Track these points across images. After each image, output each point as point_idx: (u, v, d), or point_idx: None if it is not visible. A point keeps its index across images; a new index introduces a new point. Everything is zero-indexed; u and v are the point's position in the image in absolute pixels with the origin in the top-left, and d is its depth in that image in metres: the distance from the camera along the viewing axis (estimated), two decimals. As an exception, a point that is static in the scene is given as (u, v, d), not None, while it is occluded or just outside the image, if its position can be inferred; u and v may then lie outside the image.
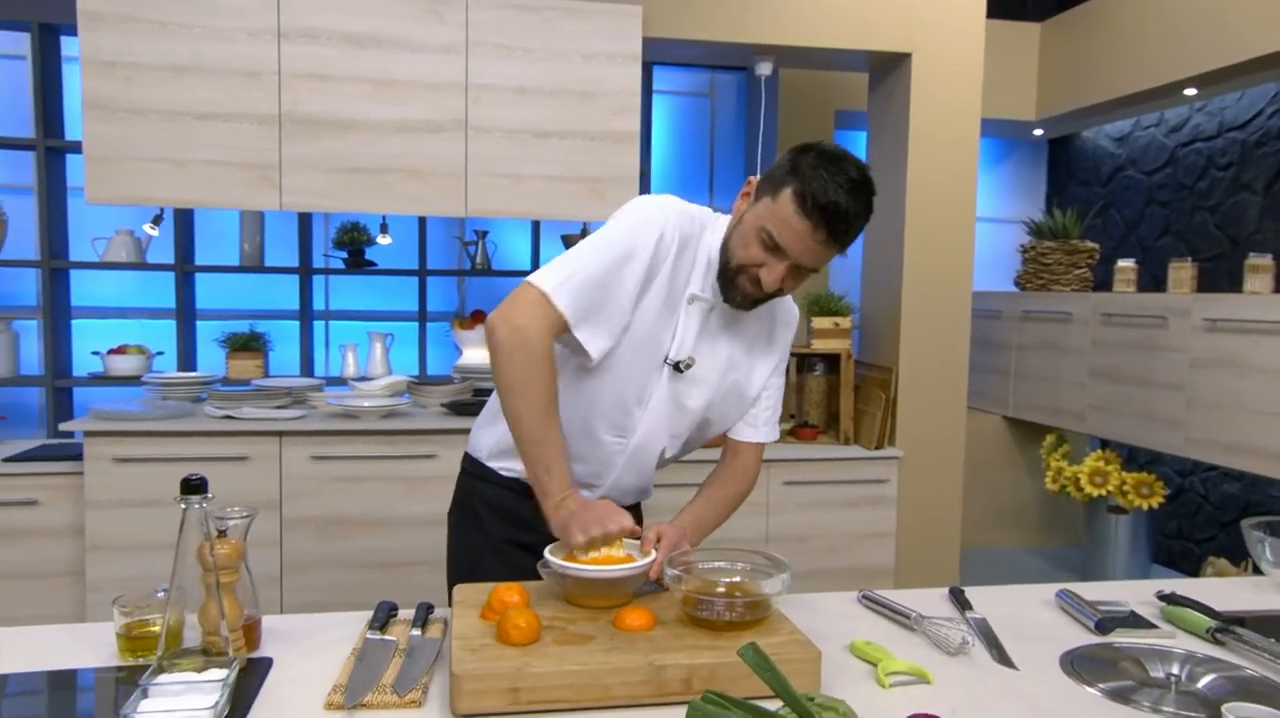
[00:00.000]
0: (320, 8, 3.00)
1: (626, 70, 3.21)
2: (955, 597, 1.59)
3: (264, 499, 3.00)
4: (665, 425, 1.58)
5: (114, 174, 2.94)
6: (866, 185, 1.40)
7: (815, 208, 1.36)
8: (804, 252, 1.40)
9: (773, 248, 1.41)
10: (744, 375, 1.62)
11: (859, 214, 1.39)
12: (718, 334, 1.57)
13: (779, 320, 1.66)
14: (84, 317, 4.11)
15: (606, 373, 1.52)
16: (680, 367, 1.53)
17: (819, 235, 1.38)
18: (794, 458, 3.43)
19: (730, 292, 1.49)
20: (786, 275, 1.43)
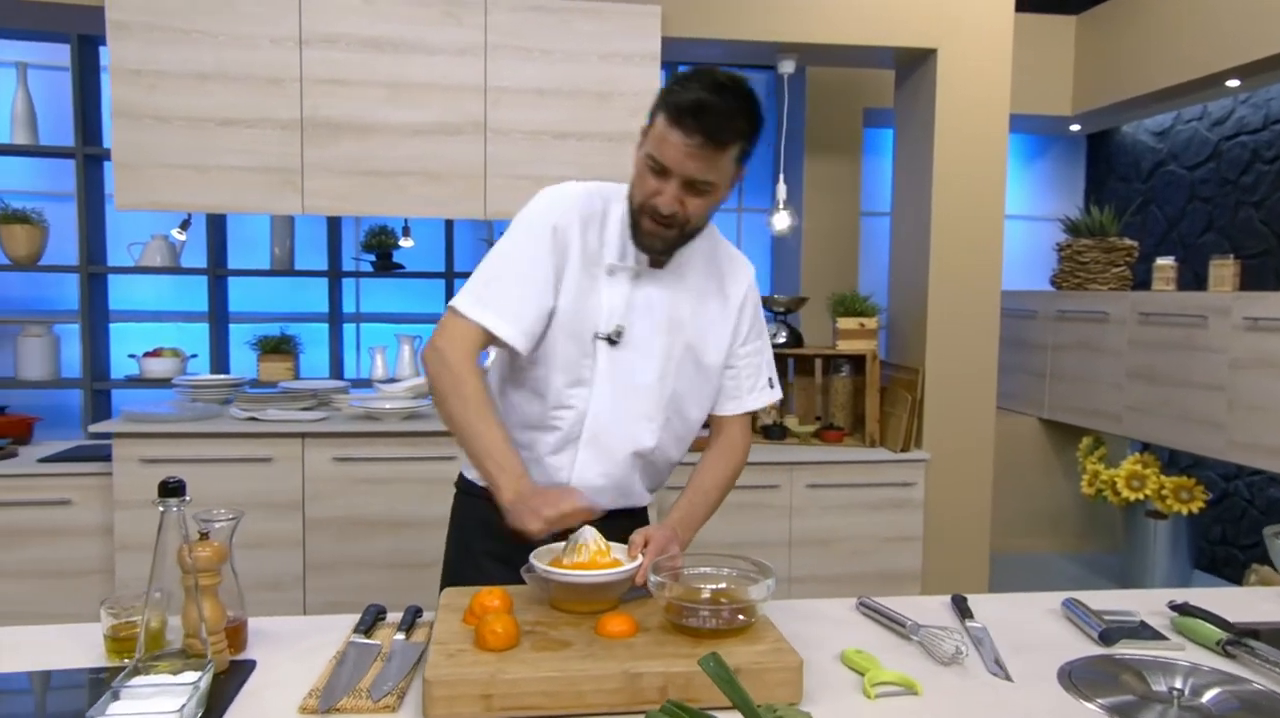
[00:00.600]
0: (340, 13, 3.03)
1: (645, 70, 3.19)
2: (957, 605, 1.55)
3: (287, 500, 3.04)
4: (619, 402, 1.54)
5: (141, 180, 3.00)
6: (735, 85, 1.39)
7: (682, 112, 1.35)
8: (685, 160, 1.37)
9: (659, 170, 1.41)
10: (696, 338, 1.57)
11: (730, 111, 1.37)
12: (652, 299, 1.54)
13: (727, 273, 1.61)
14: (122, 320, 4.20)
15: (537, 364, 1.53)
16: (612, 338, 1.52)
17: (694, 139, 1.36)
18: (818, 460, 3.39)
19: (640, 237, 1.48)
20: (681, 195, 1.41)
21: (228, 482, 3.00)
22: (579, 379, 1.53)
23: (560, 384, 1.53)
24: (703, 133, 1.35)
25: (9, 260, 3.78)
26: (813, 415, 3.76)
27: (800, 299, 3.66)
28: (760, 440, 3.60)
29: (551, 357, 1.52)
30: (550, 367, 1.53)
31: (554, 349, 1.52)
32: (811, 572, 3.41)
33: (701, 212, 1.45)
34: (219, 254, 4.00)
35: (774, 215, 3.52)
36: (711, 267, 1.60)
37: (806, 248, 4.37)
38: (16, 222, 3.74)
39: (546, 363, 1.53)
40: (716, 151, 1.38)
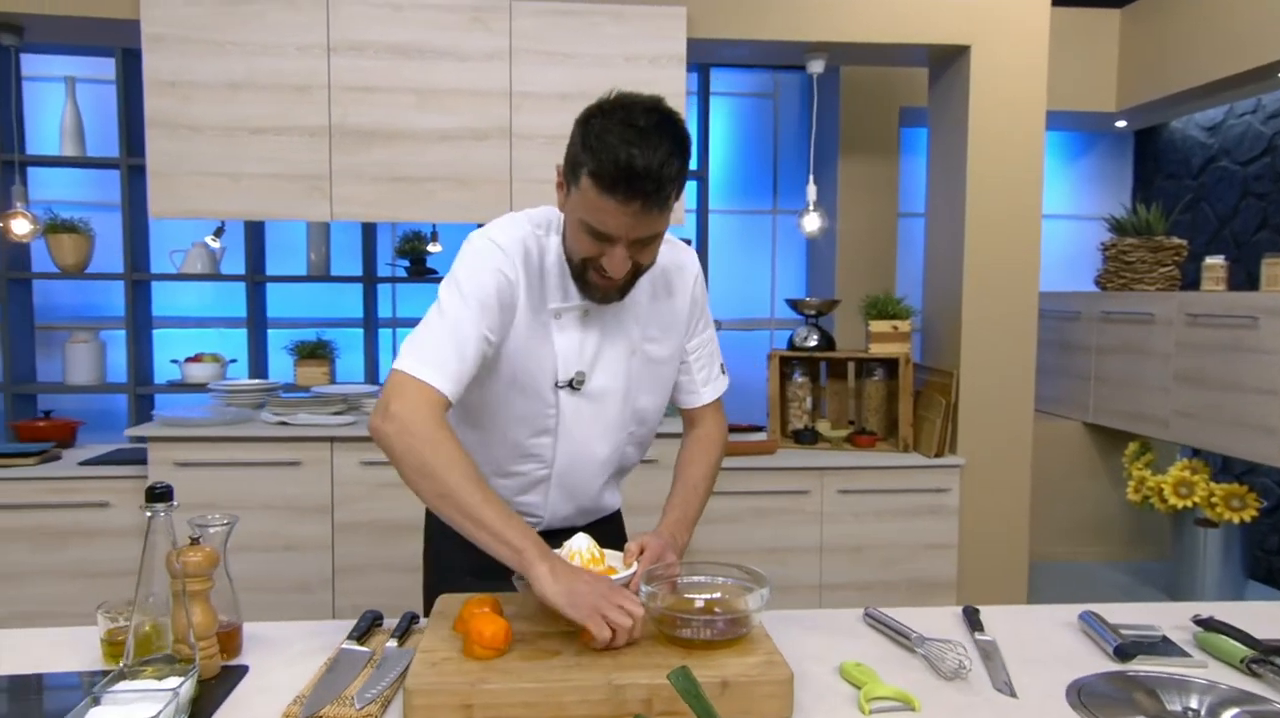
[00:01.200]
0: (368, 20, 3.06)
1: (670, 72, 3.17)
2: (968, 616, 1.50)
3: (316, 504, 3.07)
4: (588, 443, 1.51)
5: (175, 189, 3.06)
6: (663, 126, 1.26)
7: (614, 181, 1.23)
8: (626, 227, 1.28)
9: (599, 236, 1.30)
10: (655, 349, 1.53)
11: (663, 164, 1.23)
12: (605, 332, 1.47)
13: (671, 273, 1.54)
14: (165, 326, 4.30)
15: (498, 417, 1.47)
16: (574, 384, 1.46)
17: (632, 207, 1.25)
18: (849, 466, 3.33)
19: (588, 290, 1.40)
20: (622, 257, 1.31)
21: (258, 485, 3.04)
22: (544, 429, 1.49)
23: (523, 437, 1.49)
24: (641, 199, 1.24)
25: (58, 268, 3.89)
26: (845, 420, 3.70)
27: (832, 302, 3.61)
28: (791, 445, 3.55)
29: (509, 411, 1.47)
30: (510, 420, 1.47)
31: (511, 405, 1.46)
32: (843, 579, 3.35)
33: (651, 257, 1.37)
34: (257, 261, 4.07)
35: (804, 217, 3.47)
36: (658, 275, 1.52)
37: (842, 250, 4.31)
38: (64, 231, 3.85)
39: (506, 416, 1.47)
40: (659, 209, 1.28)
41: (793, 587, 3.34)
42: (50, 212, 3.92)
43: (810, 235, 3.50)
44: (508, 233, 1.41)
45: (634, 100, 1.30)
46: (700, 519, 2.97)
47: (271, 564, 3.07)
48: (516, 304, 1.40)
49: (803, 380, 3.60)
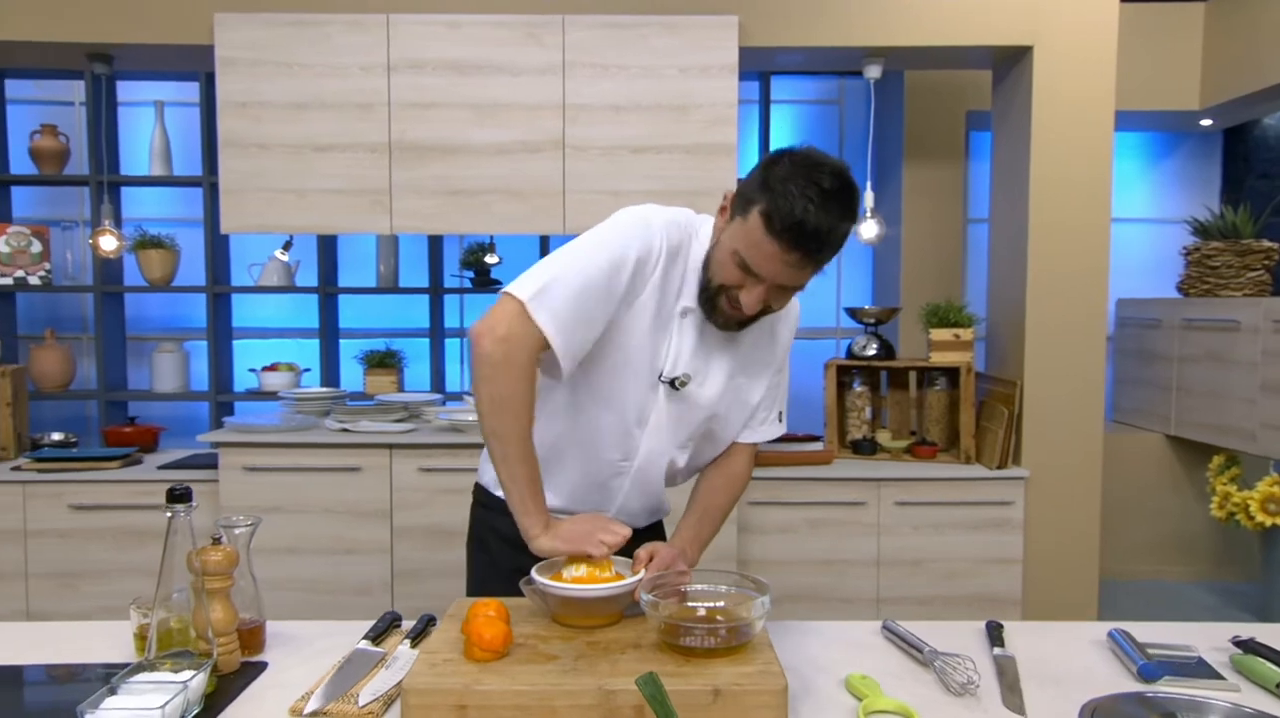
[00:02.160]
0: (427, 39, 3.15)
1: (723, 82, 3.17)
2: (990, 631, 1.46)
3: (375, 509, 3.16)
4: (668, 442, 1.54)
5: (246, 205, 3.20)
6: (842, 194, 1.30)
7: (785, 229, 1.27)
8: (778, 273, 1.33)
9: (748, 270, 1.34)
10: (747, 382, 1.56)
11: (833, 229, 1.30)
12: (717, 345, 1.50)
13: (779, 320, 1.56)
14: (245, 337, 4.49)
15: (600, 395, 1.48)
16: (676, 384, 1.48)
17: (791, 257, 1.30)
18: (907, 477, 3.26)
19: (712, 313, 1.43)
20: (766, 297, 1.37)
21: (321, 489, 3.15)
22: (640, 420, 1.50)
23: (623, 422, 1.50)
24: (802, 251, 1.30)
25: (146, 282, 4.10)
26: (906, 430, 3.63)
27: (891, 310, 3.55)
28: (849, 455, 3.50)
29: (611, 392, 1.48)
30: (616, 402, 1.49)
31: (613, 386, 1.47)
32: (901, 593, 3.28)
33: (782, 304, 1.43)
34: (329, 273, 4.22)
35: (861, 224, 3.43)
36: (772, 317, 1.53)
37: (907, 257, 4.24)
38: (152, 246, 4.06)
39: (604, 398, 1.49)
40: (815, 265, 1.34)
41: (850, 599, 3.28)
42: (140, 229, 4.14)
43: (867, 242, 3.45)
44: (666, 217, 1.44)
45: (823, 160, 1.32)
46: (755, 529, 2.99)
47: (334, 567, 3.17)
48: (648, 284, 1.41)
49: (861, 390, 3.55)
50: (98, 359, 4.13)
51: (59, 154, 4.15)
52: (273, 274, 4.13)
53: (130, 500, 3.22)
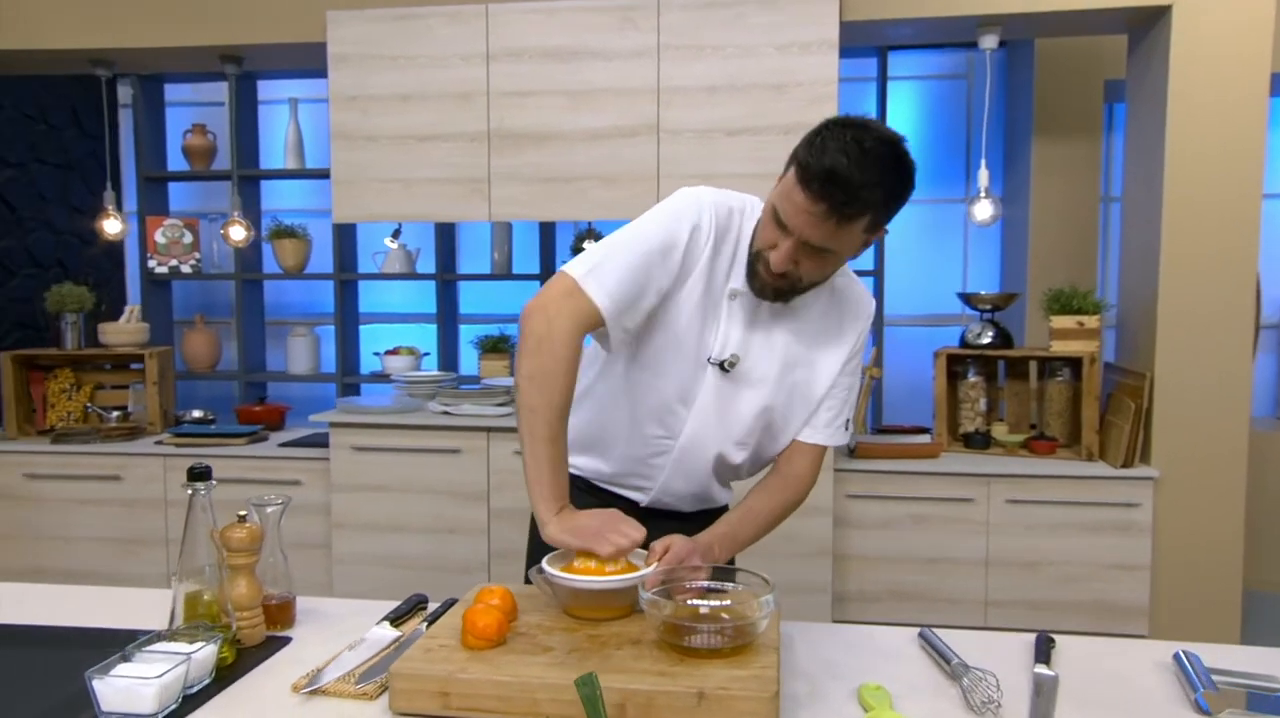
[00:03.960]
0: (524, 27, 3.18)
1: (823, 59, 3.06)
2: (1038, 646, 1.34)
3: (473, 491, 3.24)
4: (716, 427, 1.50)
5: (355, 195, 3.33)
6: (885, 155, 1.26)
7: (812, 175, 1.25)
8: (805, 225, 1.29)
9: (781, 225, 1.32)
10: (807, 373, 1.51)
11: (865, 184, 1.25)
12: (772, 329, 1.47)
13: (847, 313, 1.53)
14: (371, 322, 4.70)
15: (648, 370, 1.48)
16: (725, 366, 1.45)
17: (819, 207, 1.26)
18: (1021, 473, 3.07)
19: (752, 280, 1.41)
20: (796, 256, 1.33)
21: (423, 470, 3.25)
22: (684, 398, 1.49)
23: (665, 399, 1.49)
24: (828, 202, 1.26)
25: (280, 269, 4.35)
26: (1026, 424, 3.41)
27: (1008, 295, 3.33)
28: (960, 449, 3.32)
29: (659, 368, 1.48)
30: (661, 378, 1.48)
31: (661, 362, 1.48)
32: (1012, 596, 3.09)
33: (817, 273, 1.38)
34: (447, 260, 4.35)
35: (974, 205, 3.23)
36: (833, 306, 1.51)
37: (1035, 239, 3.97)
38: (286, 236, 4.30)
39: (652, 373, 1.48)
40: (842, 223, 1.28)
41: (955, 600, 3.12)
42: (275, 219, 4.39)
43: (981, 224, 3.26)
44: (717, 198, 1.46)
45: (873, 125, 1.31)
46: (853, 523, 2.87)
47: (436, 545, 3.28)
48: (698, 263, 1.43)
49: (976, 380, 3.36)
50: (238, 342, 4.42)
51: (207, 151, 4.45)
52: (395, 261, 4.30)
53: (252, 475, 3.43)
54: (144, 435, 3.72)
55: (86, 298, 3.84)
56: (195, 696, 1.18)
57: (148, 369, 3.76)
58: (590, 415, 1.58)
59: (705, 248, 1.42)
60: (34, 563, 3.59)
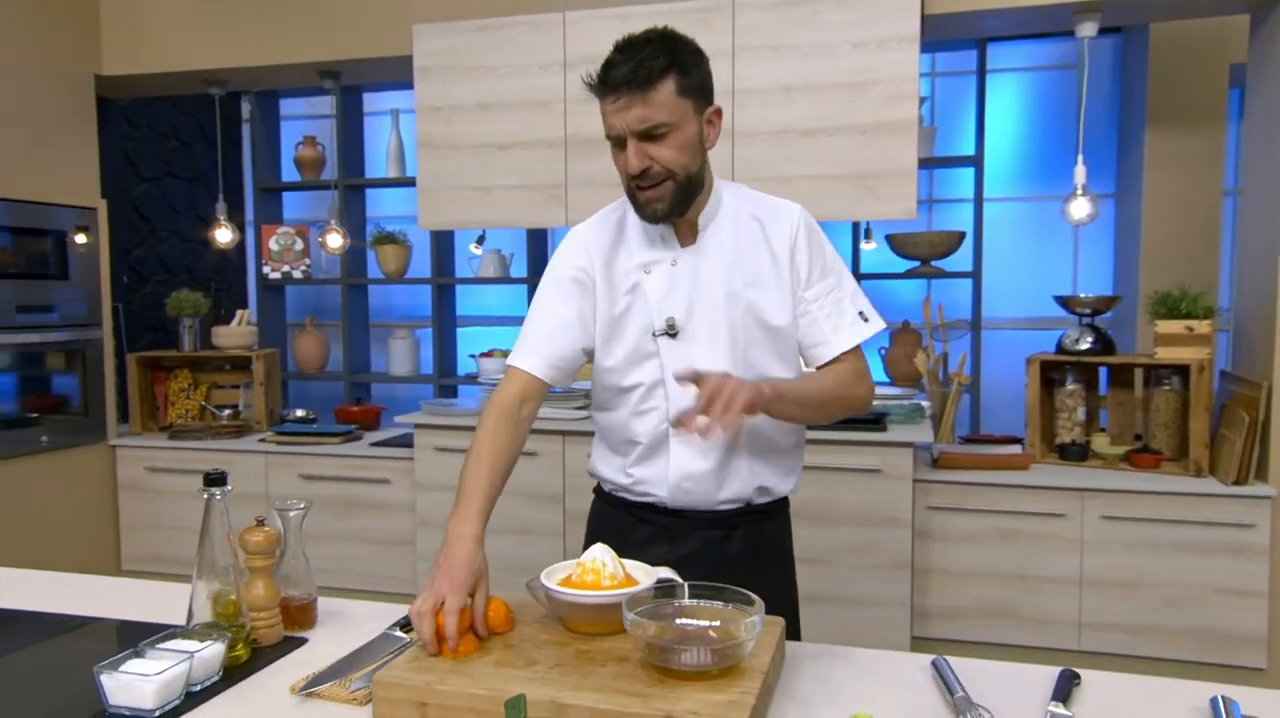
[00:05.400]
0: (599, 33, 3.20)
1: (903, 55, 2.95)
2: (1060, 682, 1.25)
3: (549, 493, 3.28)
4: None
5: (439, 203, 3.42)
6: (646, 35, 1.44)
7: (597, 81, 1.44)
8: (619, 121, 1.42)
9: (617, 142, 1.46)
10: (756, 299, 1.53)
11: (636, 58, 1.40)
12: (696, 279, 1.53)
13: (768, 226, 1.56)
14: (472, 324, 4.82)
15: (618, 373, 1.57)
16: (670, 331, 1.52)
17: (614, 98, 1.42)
18: (1119, 488, 2.88)
19: (642, 211, 1.50)
20: (641, 149, 1.43)
21: (501, 472, 3.31)
22: (655, 381, 1.55)
23: (638, 393, 1.57)
24: (618, 85, 1.40)
25: (383, 274, 4.52)
26: (1130, 435, 3.19)
27: (1109, 299, 3.13)
28: (1054, 460, 3.15)
29: (624, 368, 1.56)
30: (625, 376, 1.57)
31: (623, 362, 1.56)
32: (1109, 618, 2.91)
33: (675, 155, 1.44)
34: (538, 265, 4.41)
35: (1070, 203, 3.05)
36: (746, 224, 1.56)
37: (1148, 237, 3.71)
38: (389, 242, 4.46)
39: (622, 374, 1.57)
40: (642, 94, 1.40)
41: (1045, 621, 2.96)
42: (378, 226, 4.57)
43: (1078, 223, 3.07)
44: (591, 220, 1.64)
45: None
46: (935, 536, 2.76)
47: (514, 546, 3.33)
48: (595, 279, 1.56)
49: (1074, 388, 3.17)
50: (344, 344, 4.61)
51: (316, 162, 4.67)
52: (489, 266, 4.39)
53: (346, 473, 3.57)
54: (250, 433, 3.93)
55: (202, 303, 4.08)
56: (200, 692, 1.23)
57: (255, 370, 3.98)
58: (601, 435, 1.67)
59: (595, 264, 1.56)
60: (153, 551, 3.85)
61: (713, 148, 1.54)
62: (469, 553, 1.35)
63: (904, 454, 2.97)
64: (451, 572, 1.30)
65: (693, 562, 1.52)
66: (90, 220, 3.80)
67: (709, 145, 1.52)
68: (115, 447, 3.87)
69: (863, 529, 2.98)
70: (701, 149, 1.50)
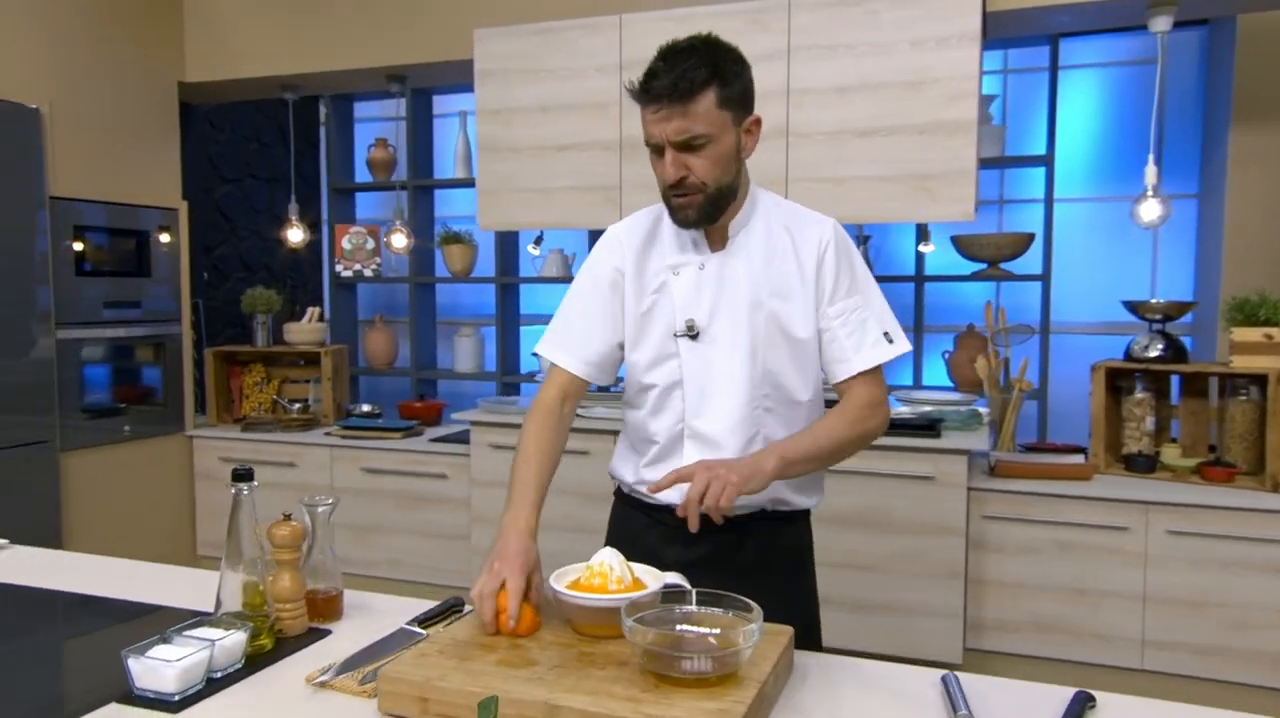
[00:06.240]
0: (655, 35, 3.16)
1: (963, 53, 2.88)
2: (1074, 704, 1.21)
3: (600, 492, 3.29)
4: (716, 398, 1.55)
5: (499, 204, 3.48)
6: (689, 43, 1.44)
7: (639, 90, 1.45)
8: (659, 131, 1.44)
9: (656, 150, 1.48)
10: (779, 310, 1.55)
11: (679, 69, 1.40)
12: (722, 284, 1.55)
13: (797, 238, 1.57)
14: (534, 323, 4.88)
15: (640, 370, 1.61)
16: (691, 332, 1.55)
17: (655, 108, 1.43)
18: (1186, 502, 2.76)
19: (677, 217, 1.53)
20: (679, 159, 1.45)
21: (554, 470, 3.35)
22: (673, 380, 1.58)
23: (658, 391, 1.60)
24: (660, 96, 1.41)
25: (449, 274, 4.62)
26: (1202, 447, 3.06)
27: (1182, 304, 3.00)
28: (1119, 471, 3.04)
29: (646, 366, 1.60)
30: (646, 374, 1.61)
31: (645, 361, 1.60)
32: (1174, 637, 2.79)
33: (710, 167, 1.46)
34: (600, 264, 4.45)
35: (1140, 204, 2.94)
36: (777, 234, 1.57)
37: (1230, 240, 3.54)
38: (455, 242, 4.55)
39: (643, 371, 1.61)
40: (683, 106, 1.41)
41: (1107, 637, 2.86)
42: (446, 226, 4.66)
43: (1147, 226, 2.96)
44: (628, 221, 1.68)
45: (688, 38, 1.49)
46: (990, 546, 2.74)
47: (566, 544, 3.34)
48: (625, 280, 1.60)
49: (1143, 397, 3.05)
50: (411, 341, 4.73)
51: (388, 163, 4.79)
52: (551, 266, 4.45)
53: (406, 467, 3.66)
54: (318, 426, 4.06)
55: (275, 300, 4.23)
56: (222, 679, 1.28)
57: (323, 366, 4.11)
58: (625, 432, 1.71)
59: (627, 265, 1.59)
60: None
61: (749, 157, 1.54)
62: (524, 544, 1.40)
63: (958, 462, 2.90)
64: (509, 558, 1.36)
65: (705, 566, 1.52)
66: (172, 220, 3.97)
67: (746, 155, 1.54)
68: (192, 437, 4.04)
69: (914, 537, 2.93)
70: (738, 159, 1.52)
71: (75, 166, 3.54)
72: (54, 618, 1.59)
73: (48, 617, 1.59)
